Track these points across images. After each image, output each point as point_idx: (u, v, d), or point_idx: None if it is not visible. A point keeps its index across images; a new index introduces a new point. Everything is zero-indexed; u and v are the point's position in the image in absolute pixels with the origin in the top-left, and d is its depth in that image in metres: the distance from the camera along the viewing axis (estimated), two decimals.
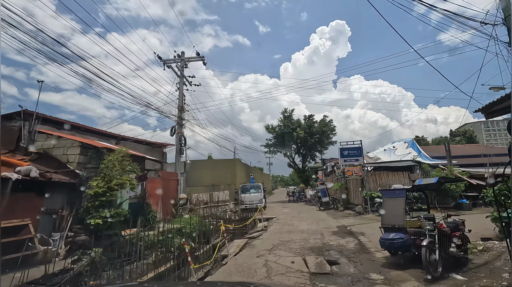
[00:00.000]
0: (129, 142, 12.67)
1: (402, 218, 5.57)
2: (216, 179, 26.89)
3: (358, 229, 10.37)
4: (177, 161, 14.35)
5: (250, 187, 20.51)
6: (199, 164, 26.50)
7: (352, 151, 15.31)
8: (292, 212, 18.59)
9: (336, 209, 18.18)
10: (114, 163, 7.60)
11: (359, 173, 15.22)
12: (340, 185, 18.26)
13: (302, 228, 11.27)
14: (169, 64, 14.84)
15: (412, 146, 22.67)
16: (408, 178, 15.78)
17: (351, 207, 17.03)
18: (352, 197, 17.36)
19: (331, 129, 32.91)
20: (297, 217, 15.22)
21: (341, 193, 18.51)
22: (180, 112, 14.53)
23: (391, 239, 5.37)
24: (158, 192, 11.98)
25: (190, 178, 26.52)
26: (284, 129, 31.82)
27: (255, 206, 19.07)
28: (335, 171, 21.13)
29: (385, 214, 6.24)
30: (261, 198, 19.62)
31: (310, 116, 33.08)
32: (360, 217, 14.24)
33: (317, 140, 31.93)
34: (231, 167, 26.63)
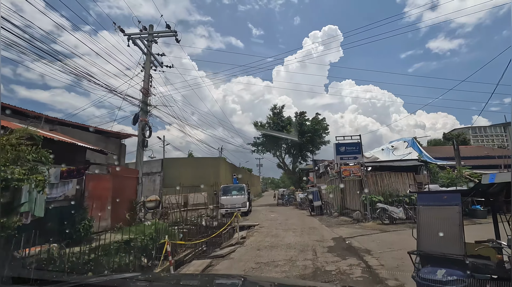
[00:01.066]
0: (71, 128, 10.04)
1: (458, 242, 3.20)
2: (198, 180, 24.25)
3: (360, 244, 8.02)
4: (139, 156, 11.73)
5: (232, 188, 18.01)
6: (178, 162, 23.83)
7: (350, 147, 13.03)
8: (279, 217, 16.17)
9: (330, 215, 15.86)
10: (6, 147, 5.02)
11: (357, 173, 12.95)
12: (334, 187, 15.97)
13: (288, 240, 8.85)
14: (134, 39, 12.26)
15: (412, 145, 20.66)
16: (413, 180, 13.60)
17: (347, 212, 14.74)
18: (348, 201, 15.08)
19: (324, 127, 30.77)
20: (284, 225, 12.80)
21: (336, 197, 16.21)
22: (145, 96, 11.95)
23: (442, 282, 2.97)
24: (106, 193, 9.37)
25: (168, 178, 23.84)
26: (274, 126, 29.48)
27: (237, 210, 16.57)
28: (329, 171, 18.87)
29: (423, 233, 3.85)
30: (244, 201, 17.14)
31: (302, 113, 30.87)
32: (358, 225, 11.93)
33: (309, 139, 29.70)
34: (214, 167, 24.06)
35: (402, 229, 10.53)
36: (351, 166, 13.19)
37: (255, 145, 31.06)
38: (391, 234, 9.60)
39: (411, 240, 8.16)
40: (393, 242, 8.05)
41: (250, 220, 15.37)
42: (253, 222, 13.98)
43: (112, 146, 11.62)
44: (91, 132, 11.18)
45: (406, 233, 9.81)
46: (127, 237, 8.70)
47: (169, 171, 23.56)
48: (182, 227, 12.95)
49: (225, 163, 26.99)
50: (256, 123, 30.48)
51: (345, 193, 15.45)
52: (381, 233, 9.77)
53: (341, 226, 12.04)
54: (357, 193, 13.49)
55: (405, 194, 13.07)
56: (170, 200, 16.92)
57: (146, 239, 9.12)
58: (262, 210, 22.83)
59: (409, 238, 8.44)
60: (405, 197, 12.95)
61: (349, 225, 12.09)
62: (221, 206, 17.17)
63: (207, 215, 15.81)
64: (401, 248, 7.21)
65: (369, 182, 13.26)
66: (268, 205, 29.29)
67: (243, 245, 8.45)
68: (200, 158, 24.73)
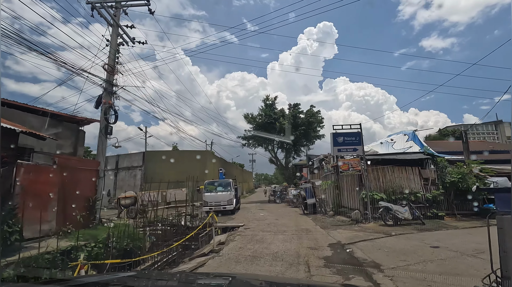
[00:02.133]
0: (15, 111, 8.15)
1: None
2: (183, 174, 22.44)
3: (364, 253, 6.40)
4: (101, 144, 9.86)
5: (218, 184, 16.28)
6: (161, 155, 21.96)
7: (349, 138, 11.39)
8: (269, 216, 14.53)
9: (325, 214, 14.30)
10: None
11: (357, 167, 11.34)
12: (330, 183, 14.38)
13: (276, 248, 7.19)
14: (98, 8, 10.33)
15: (413, 139, 19.15)
16: (418, 175, 12.08)
17: (344, 211, 13.18)
18: (345, 199, 13.51)
19: (319, 121, 29.16)
20: (274, 226, 11.16)
21: (331, 194, 14.65)
22: (110, 75, 10.08)
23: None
24: (49, 188, 7.54)
25: (150, 172, 22.00)
26: (266, 119, 27.75)
27: (222, 208, 14.90)
28: (324, 166, 17.30)
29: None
30: (230, 199, 15.43)
31: (296, 106, 29.17)
32: (358, 227, 10.36)
33: (303, 133, 28.08)
34: (201, 161, 22.29)
35: (409, 232, 8.99)
36: (350, 159, 11.58)
37: (246, 138, 29.31)
38: (399, 239, 8.03)
39: (425, 249, 6.51)
40: (405, 251, 6.46)
41: (236, 219, 13.69)
42: (238, 222, 12.30)
43: (67, 132, 9.73)
44: (42, 116, 9.27)
45: (416, 238, 8.27)
46: (71, 244, 6.91)
47: (151, 165, 21.72)
48: (155, 229, 11.22)
49: (213, 157, 25.22)
50: (247, 115, 28.70)
51: (341, 190, 13.88)
52: (386, 238, 8.19)
53: (338, 227, 10.45)
54: (356, 190, 11.92)
55: (410, 191, 11.56)
56: (146, 197, 15.14)
57: (98, 246, 7.37)
58: (252, 207, 21.21)
59: (422, 245, 6.79)
60: (411, 195, 11.43)
61: (347, 227, 10.50)
62: (205, 203, 15.45)
63: (187, 214, 14.09)
64: (418, 261, 5.62)
65: (370, 177, 11.68)
66: (259, 202, 27.72)
67: (219, 254, 6.73)
68: (186, 151, 22.92)
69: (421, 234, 8.59)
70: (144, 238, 9.68)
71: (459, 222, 10.62)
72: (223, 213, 15.45)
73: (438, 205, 11.43)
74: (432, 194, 11.56)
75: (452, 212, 11.65)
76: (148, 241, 10.13)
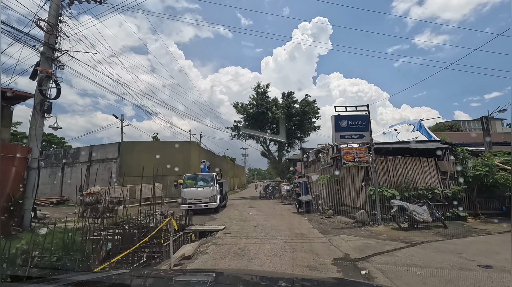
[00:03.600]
0: None
1: None
2: (164, 168, 20.16)
3: (389, 278, 4.35)
4: (35, 125, 7.55)
5: (199, 178, 14.07)
6: (139, 146, 19.59)
7: (354, 122, 9.30)
8: (258, 216, 12.45)
9: (322, 213, 12.30)
10: None
11: (364, 157, 9.28)
12: (329, 177, 12.33)
13: (259, 267, 5.08)
14: None
15: (419, 129, 17.32)
16: (435, 168, 10.13)
17: (346, 211, 11.18)
18: (347, 195, 11.50)
19: (314, 111, 27.07)
20: (261, 230, 9.08)
21: (330, 190, 12.64)
22: (49, 35, 7.74)
23: None
24: None
25: (126, 165, 19.64)
26: (257, 108, 25.51)
27: (203, 206, 12.76)
28: (321, 158, 15.28)
29: None
30: (213, 195, 13.26)
31: (290, 94, 26.97)
32: (366, 231, 8.36)
33: (297, 124, 25.98)
34: (184, 153, 20.02)
35: (432, 239, 7.02)
36: (355, 148, 9.51)
37: (236, 129, 27.04)
38: (426, 250, 6.01)
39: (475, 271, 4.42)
40: (447, 275, 4.43)
41: (219, 219, 11.57)
42: (219, 224, 10.18)
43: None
44: None
45: (447, 249, 6.15)
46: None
47: (128, 157, 19.36)
48: (115, 233, 9.01)
49: (198, 149, 22.94)
50: (237, 104, 26.35)
51: (343, 185, 11.86)
52: (408, 249, 6.17)
53: (341, 231, 8.43)
54: (362, 185, 9.90)
55: (426, 186, 9.61)
56: (111, 193, 12.90)
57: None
58: (241, 204, 19.13)
59: (465, 262, 4.47)
60: (428, 191, 9.48)
61: (352, 231, 8.49)
62: (183, 201, 13.26)
63: (160, 213, 11.90)
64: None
65: (379, 170, 9.66)
66: (249, 198, 25.69)
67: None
68: (167, 142, 20.61)
69: (451, 243, 6.60)
70: (96, 246, 7.51)
71: (487, 224, 8.70)
72: (205, 212, 13.33)
73: (459, 203, 9.50)
74: (452, 190, 9.62)
75: (475, 212, 9.75)
76: (103, 250, 7.96)
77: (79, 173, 20.51)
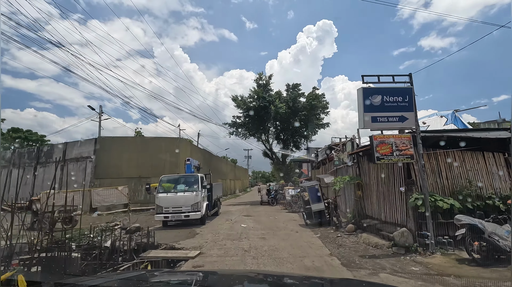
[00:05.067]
0: None
1: None
2: (146, 168, 17.36)
3: None
4: None
5: (180, 180, 11.10)
6: (120, 143, 16.80)
7: (392, 98, 6.28)
8: (254, 231, 9.47)
9: (339, 227, 9.24)
10: None
11: (407, 150, 6.25)
12: (348, 180, 9.27)
13: None
14: None
15: (454, 122, 14.13)
16: (505, 167, 7.03)
17: (374, 226, 8.10)
18: (374, 205, 8.43)
19: (323, 105, 24.03)
20: (254, 257, 6.08)
21: (350, 196, 9.60)
22: None
23: None
24: None
25: (103, 166, 16.88)
26: (259, 102, 22.59)
27: (183, 217, 9.87)
28: (334, 156, 12.29)
29: None
30: (196, 202, 10.29)
31: (295, 86, 23.99)
32: (414, 262, 5.32)
33: (303, 119, 22.98)
34: (171, 151, 17.17)
35: None
36: (394, 136, 6.46)
37: (234, 125, 24.10)
38: None
39: None
40: None
41: (200, 236, 8.61)
42: (196, 245, 7.22)
43: None
44: None
45: None
46: None
47: (105, 155, 16.59)
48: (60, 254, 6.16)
49: (189, 147, 20.05)
50: (236, 97, 23.42)
51: (367, 190, 8.82)
52: None
53: (377, 264, 5.41)
54: (401, 191, 6.85)
55: (494, 193, 6.55)
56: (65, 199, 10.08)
57: None
58: (237, 212, 16.18)
59: None
60: (501, 201, 6.41)
61: (393, 263, 5.45)
62: (158, 209, 10.33)
63: (121, 227, 9.03)
64: None
65: (426, 169, 6.60)
66: (250, 203, 22.72)
67: None
68: (152, 138, 17.82)
69: None
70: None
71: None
72: (188, 223, 10.41)
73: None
74: None
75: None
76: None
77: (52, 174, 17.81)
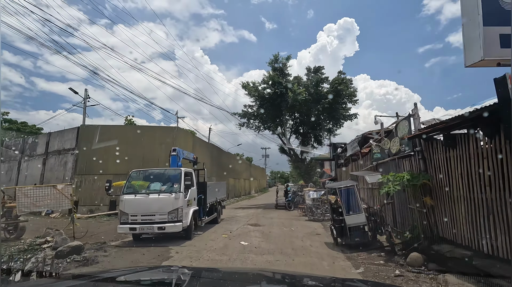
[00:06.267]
0: None
1: None
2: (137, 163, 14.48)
3: None
4: None
5: (155, 177, 8.00)
6: (107, 133, 14.11)
7: None
8: (257, 255, 6.17)
9: (393, 256, 5.70)
10: None
11: None
12: (410, 178, 5.68)
13: None
14: None
15: None
16: None
17: (459, 259, 4.52)
18: (460, 222, 4.83)
19: (350, 93, 20.21)
20: None
21: (402, 204, 6.03)
22: None
23: None
24: None
25: (87, 159, 14.33)
26: (274, 88, 19.24)
27: (157, 229, 6.73)
28: (372, 147, 8.75)
29: None
30: (176, 208, 7.13)
31: (318, 70, 20.36)
32: None
33: (327, 108, 19.33)
34: (167, 143, 14.26)
35: None
36: None
37: (245, 116, 20.85)
38: None
39: None
40: None
41: (169, 263, 5.47)
42: None
43: None
44: None
45: None
46: None
47: (90, 147, 13.98)
48: None
49: (192, 139, 17.06)
50: (247, 83, 20.19)
51: (442, 196, 5.23)
52: None
53: None
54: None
55: None
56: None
57: None
58: (244, 218, 13.00)
59: None
60: None
61: None
62: (122, 218, 7.26)
63: (53, 246, 6.05)
64: None
65: None
66: (263, 206, 19.49)
67: None
68: (146, 127, 15.03)
69: None
70: None
71: None
72: (168, 238, 7.34)
73: None
74: None
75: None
76: None
77: (36, 170, 15.57)
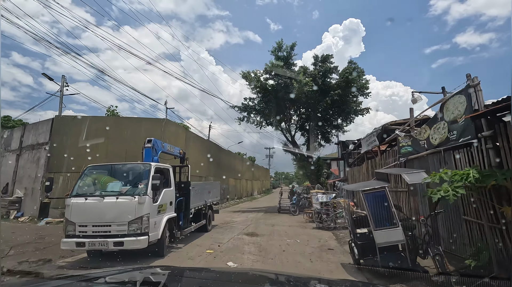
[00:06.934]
0: None
1: None
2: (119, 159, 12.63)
3: None
4: None
5: (115, 173, 6.16)
6: (82, 125, 12.31)
7: None
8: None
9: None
10: None
11: None
12: (478, 176, 3.71)
13: None
14: None
15: None
16: None
17: None
18: None
19: (362, 85, 18.17)
20: None
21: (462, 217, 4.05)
22: None
23: None
24: None
25: (60, 154, 12.57)
26: (277, 78, 17.30)
27: (113, 244, 4.73)
28: (399, 139, 6.78)
29: None
30: (140, 216, 5.28)
31: (326, 59, 18.34)
32: None
33: (336, 101, 17.31)
34: (152, 136, 12.42)
35: None
36: None
37: (245, 109, 18.90)
38: None
39: None
40: None
41: None
42: None
43: None
44: None
45: None
46: None
47: (67, 141, 12.21)
48: None
49: (178, 130, 15.10)
50: (247, 73, 18.28)
51: None
52: None
53: None
54: None
55: None
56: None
57: None
58: (241, 224, 11.10)
59: None
60: None
61: None
62: (68, 229, 5.38)
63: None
64: None
65: None
66: (265, 209, 17.58)
67: None
68: (128, 119, 13.25)
69: None
70: None
71: None
72: (135, 254, 5.49)
73: None
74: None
75: None
76: None
77: (8, 167, 13.87)
